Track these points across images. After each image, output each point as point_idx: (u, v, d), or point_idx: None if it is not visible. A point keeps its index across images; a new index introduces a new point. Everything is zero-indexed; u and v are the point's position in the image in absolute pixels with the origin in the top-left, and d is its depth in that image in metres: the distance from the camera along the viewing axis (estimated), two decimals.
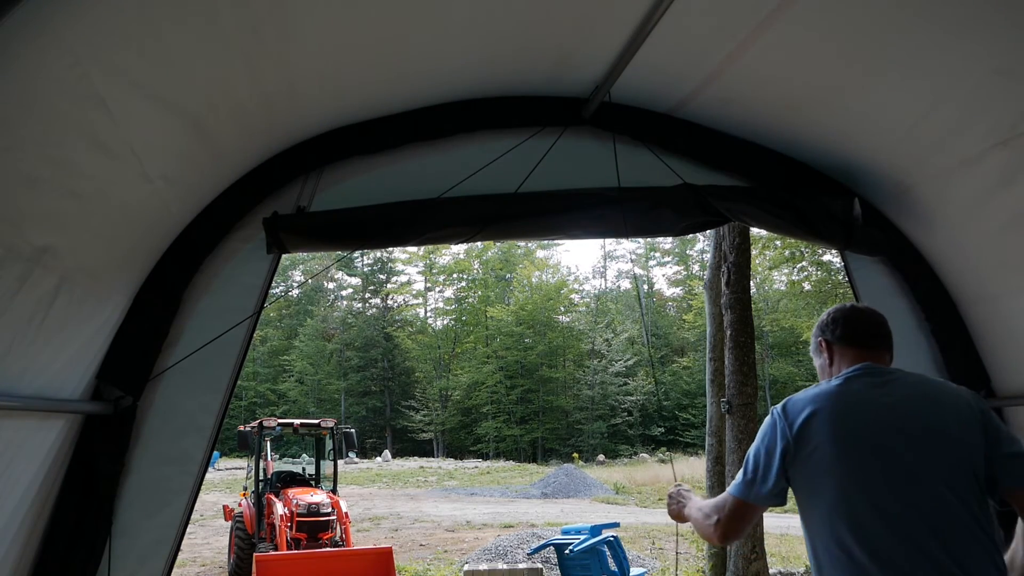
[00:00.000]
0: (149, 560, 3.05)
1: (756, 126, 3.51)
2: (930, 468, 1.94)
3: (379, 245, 3.57)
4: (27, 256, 2.07)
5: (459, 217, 3.30)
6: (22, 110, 1.80)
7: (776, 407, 2.13)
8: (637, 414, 45.61)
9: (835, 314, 2.29)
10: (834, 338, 2.25)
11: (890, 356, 2.24)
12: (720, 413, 9.66)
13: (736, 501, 2.15)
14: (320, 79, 2.95)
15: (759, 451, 2.11)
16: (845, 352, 2.22)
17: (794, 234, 3.50)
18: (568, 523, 14.16)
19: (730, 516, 2.16)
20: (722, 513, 2.18)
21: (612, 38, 2.95)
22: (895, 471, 1.95)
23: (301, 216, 3.32)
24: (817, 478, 2.00)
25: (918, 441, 1.98)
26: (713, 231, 10.33)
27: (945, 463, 1.95)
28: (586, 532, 8.21)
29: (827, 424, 2.02)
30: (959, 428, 2.00)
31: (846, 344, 2.23)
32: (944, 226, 3.30)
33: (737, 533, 2.21)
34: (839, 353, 2.24)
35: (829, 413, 2.03)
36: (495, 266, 56.12)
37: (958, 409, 2.03)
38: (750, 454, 2.14)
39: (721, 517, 2.18)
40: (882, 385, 2.08)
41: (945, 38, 2.51)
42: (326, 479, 12.39)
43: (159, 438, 3.11)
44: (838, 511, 1.96)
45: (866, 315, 2.28)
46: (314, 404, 50.11)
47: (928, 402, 2.06)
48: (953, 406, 2.04)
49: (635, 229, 3.49)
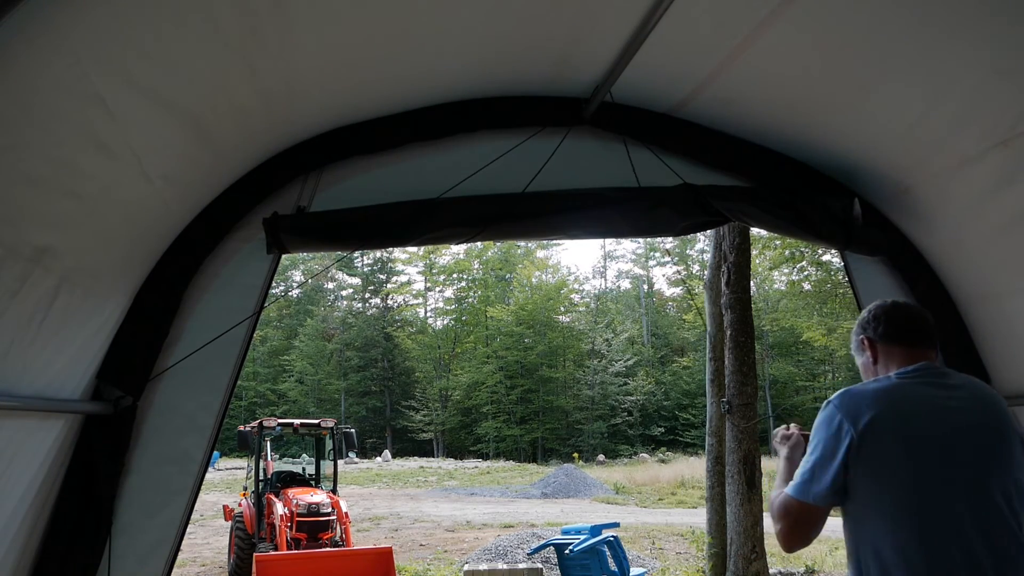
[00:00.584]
0: (149, 560, 3.05)
1: (756, 126, 3.51)
2: (991, 477, 1.90)
3: (379, 245, 3.57)
4: (27, 256, 2.07)
5: (459, 217, 3.30)
6: (22, 110, 1.80)
7: (833, 400, 2.03)
8: (637, 414, 45.59)
9: (876, 311, 2.21)
10: (876, 336, 2.17)
11: (936, 353, 2.16)
12: (720, 413, 9.66)
13: (796, 504, 2.01)
14: (320, 79, 2.95)
15: (819, 447, 1.99)
16: (891, 350, 2.14)
17: (794, 234, 3.50)
18: (568, 523, 14.16)
19: (794, 522, 2.02)
20: (784, 521, 2.03)
21: (612, 38, 2.95)
22: (962, 479, 1.89)
23: (301, 216, 3.31)
24: (880, 479, 1.92)
25: (982, 449, 1.92)
26: (713, 231, 10.33)
27: (1002, 472, 1.91)
28: (586, 532, 8.21)
29: (892, 424, 1.94)
30: (1011, 435, 1.96)
31: (891, 342, 2.14)
32: (944, 226, 3.30)
33: (802, 540, 2.04)
34: (884, 351, 2.15)
35: (894, 412, 1.96)
36: (495, 266, 56.12)
37: (1007, 416, 1.99)
38: (809, 453, 2.02)
39: (785, 526, 2.03)
40: (945, 387, 2.01)
41: (945, 38, 2.51)
42: (326, 479, 12.39)
43: (159, 438, 3.11)
44: (901, 515, 1.89)
45: (909, 311, 2.20)
46: (314, 404, 50.10)
47: (988, 407, 2.01)
48: (1004, 413, 2.00)
49: (635, 229, 3.49)
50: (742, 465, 8.97)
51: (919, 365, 2.07)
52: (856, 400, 1.99)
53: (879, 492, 1.92)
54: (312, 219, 3.30)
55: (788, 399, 43.13)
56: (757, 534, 8.91)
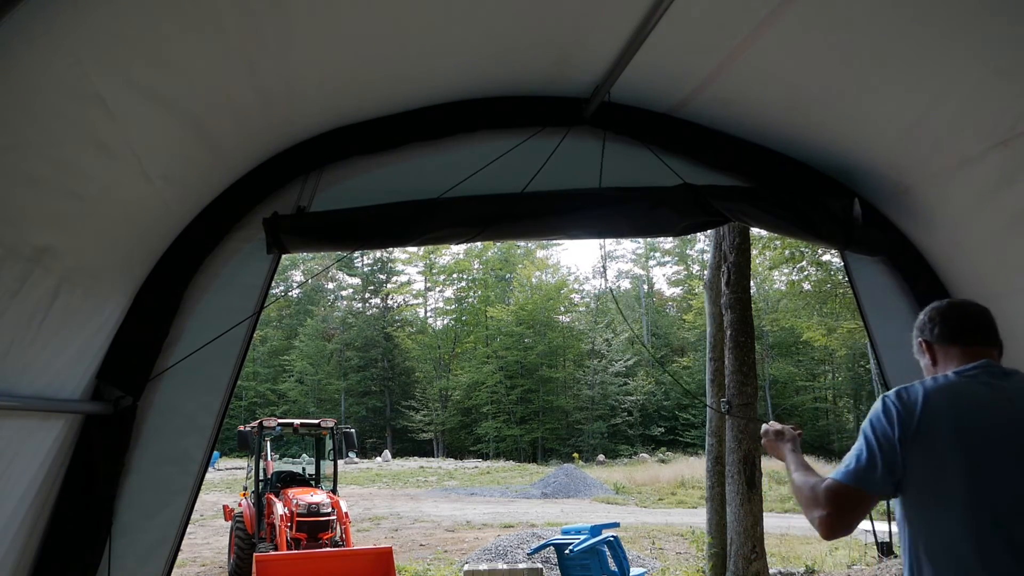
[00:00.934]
0: (149, 560, 3.05)
1: (756, 126, 3.51)
2: None
3: (380, 245, 3.56)
4: (27, 256, 2.07)
5: (460, 217, 3.30)
6: (23, 110, 1.80)
7: (889, 394, 2.01)
8: (637, 414, 45.58)
9: (931, 312, 2.19)
10: (933, 337, 2.15)
11: (999, 350, 2.13)
12: (720, 413, 9.67)
13: (846, 489, 1.96)
14: (320, 79, 2.95)
15: (873, 436, 1.96)
16: (949, 351, 2.12)
17: (794, 234, 3.50)
18: (568, 523, 14.16)
19: (842, 508, 1.97)
20: (831, 506, 1.97)
21: (612, 38, 2.95)
22: (1013, 471, 1.88)
23: (301, 216, 3.31)
24: (933, 470, 1.91)
25: None
26: (713, 231, 10.33)
27: None
28: (586, 532, 8.21)
29: (946, 416, 1.94)
30: None
31: (947, 342, 2.12)
32: (944, 226, 3.29)
33: (848, 526, 1.99)
34: (942, 352, 2.14)
35: (947, 405, 1.95)
36: (495, 266, 56.12)
37: None
38: (862, 442, 1.99)
39: (830, 511, 1.97)
40: (1001, 383, 1.99)
41: (945, 38, 2.51)
42: (326, 479, 12.38)
43: (159, 438, 3.11)
44: (951, 505, 1.89)
45: (965, 310, 2.16)
46: (314, 404, 50.09)
47: None
48: None
49: (635, 229, 3.49)
50: (742, 465, 8.98)
51: (978, 363, 2.04)
52: (912, 394, 1.99)
53: (931, 483, 1.92)
54: (312, 219, 3.30)
55: (788, 399, 43.10)
56: (757, 534, 8.91)
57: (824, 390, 44.21)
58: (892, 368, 3.56)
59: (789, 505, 21.60)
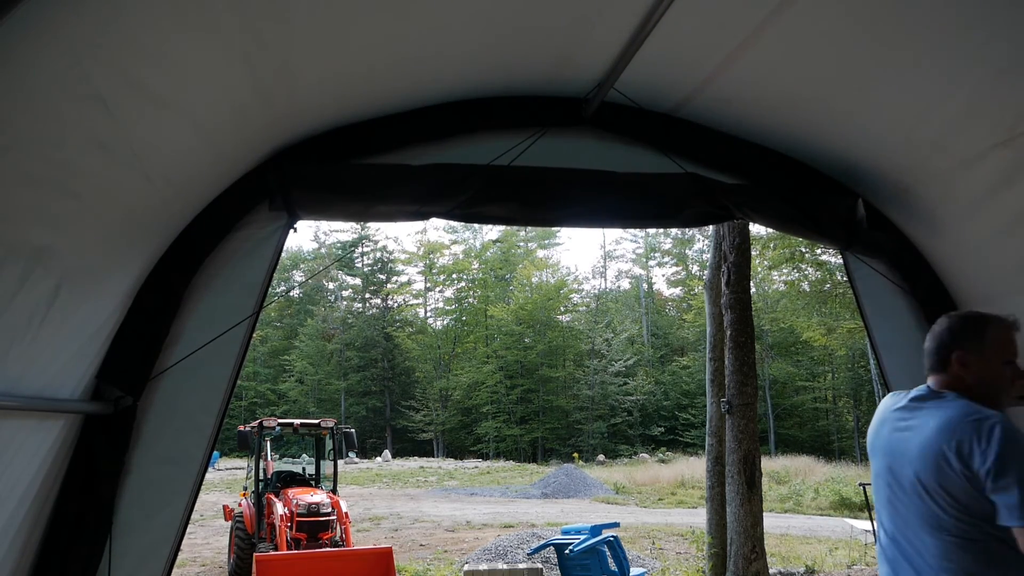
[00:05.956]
0: (149, 560, 3.04)
1: (756, 126, 3.51)
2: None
3: (399, 213, 3.28)
4: (27, 256, 2.07)
5: (485, 184, 3.20)
6: (23, 110, 1.80)
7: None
8: (637, 414, 45.58)
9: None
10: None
11: (940, 376, 2.18)
12: (720, 413, 9.66)
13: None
14: (319, 79, 2.95)
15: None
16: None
17: (797, 231, 3.49)
18: (568, 523, 14.16)
19: None
20: None
21: (612, 38, 2.95)
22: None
23: (316, 168, 3.06)
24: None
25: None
26: (713, 231, 10.33)
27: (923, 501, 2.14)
28: (586, 532, 8.20)
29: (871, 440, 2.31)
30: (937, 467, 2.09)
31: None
32: (945, 226, 3.29)
33: None
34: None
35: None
36: (495, 266, 56.11)
37: (945, 447, 2.06)
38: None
39: None
40: (911, 410, 2.19)
41: (945, 38, 2.51)
42: (326, 479, 12.37)
43: (159, 438, 3.10)
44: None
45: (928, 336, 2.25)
46: (314, 404, 50.09)
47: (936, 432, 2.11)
48: (944, 444, 2.07)
49: (636, 216, 3.46)
50: (742, 465, 8.97)
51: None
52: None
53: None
54: (331, 173, 3.03)
55: (788, 399, 43.11)
56: (757, 534, 8.90)
57: (824, 390, 44.20)
58: (892, 368, 3.56)
59: (789, 505, 21.61)
